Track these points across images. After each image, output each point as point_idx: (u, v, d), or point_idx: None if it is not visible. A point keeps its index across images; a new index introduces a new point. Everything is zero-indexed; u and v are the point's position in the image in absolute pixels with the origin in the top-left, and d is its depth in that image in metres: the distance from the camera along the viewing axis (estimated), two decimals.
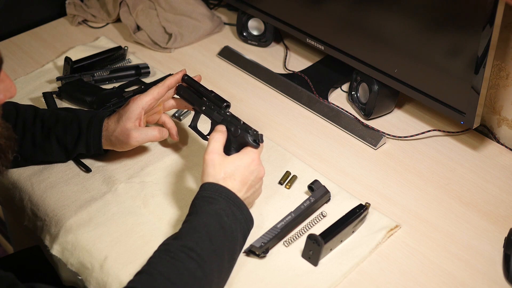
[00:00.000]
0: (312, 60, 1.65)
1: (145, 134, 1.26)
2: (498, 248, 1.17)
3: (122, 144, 1.26)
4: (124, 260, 1.14)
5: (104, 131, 1.26)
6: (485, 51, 1.21)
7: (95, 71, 1.55)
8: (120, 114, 1.26)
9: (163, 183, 1.29)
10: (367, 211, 1.21)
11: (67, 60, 1.54)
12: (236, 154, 1.16)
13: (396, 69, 1.38)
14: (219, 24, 1.77)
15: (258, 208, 1.22)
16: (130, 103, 1.26)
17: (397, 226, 1.21)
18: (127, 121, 1.24)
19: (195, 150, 1.36)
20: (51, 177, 1.30)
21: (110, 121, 1.26)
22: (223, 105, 1.24)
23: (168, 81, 1.28)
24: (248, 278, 1.11)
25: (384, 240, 1.18)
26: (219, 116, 1.22)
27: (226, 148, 1.17)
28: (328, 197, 1.25)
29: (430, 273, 1.14)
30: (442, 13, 1.27)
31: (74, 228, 1.20)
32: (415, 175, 1.33)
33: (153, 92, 1.26)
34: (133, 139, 1.25)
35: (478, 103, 1.27)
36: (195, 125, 1.31)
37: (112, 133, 1.25)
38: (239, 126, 1.19)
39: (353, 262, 1.14)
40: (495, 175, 1.33)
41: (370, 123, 1.44)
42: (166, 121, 1.32)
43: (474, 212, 1.25)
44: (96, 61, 1.59)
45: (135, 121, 1.25)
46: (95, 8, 1.79)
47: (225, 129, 1.19)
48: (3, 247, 2.15)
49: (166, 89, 1.28)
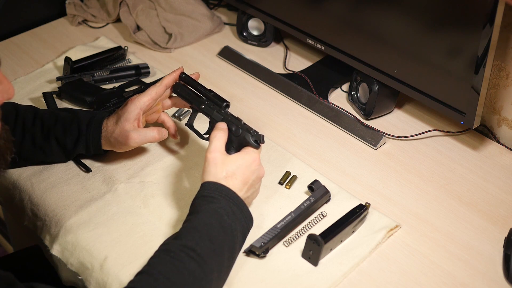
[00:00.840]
0: (312, 60, 1.65)
1: (144, 135, 1.26)
2: (498, 248, 1.17)
3: (121, 145, 1.26)
4: (124, 260, 1.14)
5: (103, 132, 1.26)
6: (485, 51, 1.21)
7: (95, 71, 1.55)
8: (118, 115, 1.25)
9: (163, 183, 1.29)
10: (367, 211, 1.21)
11: (67, 60, 1.54)
12: (238, 153, 1.16)
13: (396, 69, 1.38)
14: (219, 24, 1.77)
15: (258, 208, 1.22)
16: (128, 104, 1.25)
17: (397, 226, 1.21)
18: (126, 122, 1.24)
19: (195, 150, 1.36)
20: (51, 177, 1.30)
21: (109, 122, 1.26)
22: (223, 104, 1.23)
23: (165, 80, 1.28)
24: (248, 278, 1.11)
25: (384, 240, 1.18)
26: (219, 116, 1.22)
27: (226, 147, 1.17)
28: (328, 197, 1.25)
29: (430, 273, 1.14)
30: (442, 13, 1.27)
31: (74, 228, 1.20)
32: (415, 175, 1.33)
33: (151, 92, 1.26)
34: (132, 140, 1.24)
35: (478, 103, 1.27)
36: (191, 124, 1.31)
37: (111, 134, 1.25)
38: (240, 126, 1.19)
39: (353, 262, 1.14)
40: (495, 175, 1.33)
41: (370, 123, 1.44)
42: (165, 120, 1.32)
43: (474, 212, 1.25)
44: (96, 61, 1.59)
45: (134, 122, 1.24)
46: (95, 8, 1.79)
47: (226, 127, 1.19)
48: (3, 247, 2.15)
49: (164, 88, 1.28)
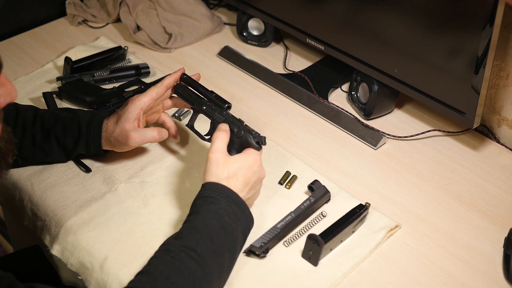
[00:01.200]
0: (312, 60, 1.65)
1: (144, 135, 1.26)
2: (498, 248, 1.17)
3: (121, 145, 1.26)
4: (124, 260, 1.14)
5: (103, 131, 1.26)
6: (485, 51, 1.21)
7: (95, 71, 1.55)
8: (119, 115, 1.25)
9: (163, 183, 1.29)
10: (367, 211, 1.21)
11: (67, 60, 1.54)
12: (240, 154, 1.16)
13: (396, 69, 1.38)
14: (219, 24, 1.77)
15: (258, 208, 1.22)
16: (129, 104, 1.25)
17: (397, 226, 1.21)
18: (126, 122, 1.24)
19: (196, 150, 1.36)
20: (51, 177, 1.30)
21: (109, 122, 1.26)
22: (225, 106, 1.23)
23: (166, 81, 1.28)
24: (248, 278, 1.11)
25: (384, 240, 1.18)
26: (221, 117, 1.22)
27: (228, 148, 1.17)
28: (328, 197, 1.25)
29: (430, 273, 1.14)
30: (442, 13, 1.27)
31: (74, 228, 1.20)
32: (415, 175, 1.33)
33: (152, 92, 1.26)
34: (132, 140, 1.24)
35: (478, 103, 1.27)
36: (192, 125, 1.30)
37: (111, 134, 1.25)
38: (242, 127, 1.19)
39: (353, 262, 1.14)
40: (495, 175, 1.33)
41: (370, 123, 1.44)
42: (165, 120, 1.32)
43: (474, 212, 1.25)
44: (96, 61, 1.59)
45: (134, 122, 1.24)
46: (95, 8, 1.79)
47: (229, 128, 1.19)
48: (3, 247, 2.15)
49: (165, 89, 1.28)
